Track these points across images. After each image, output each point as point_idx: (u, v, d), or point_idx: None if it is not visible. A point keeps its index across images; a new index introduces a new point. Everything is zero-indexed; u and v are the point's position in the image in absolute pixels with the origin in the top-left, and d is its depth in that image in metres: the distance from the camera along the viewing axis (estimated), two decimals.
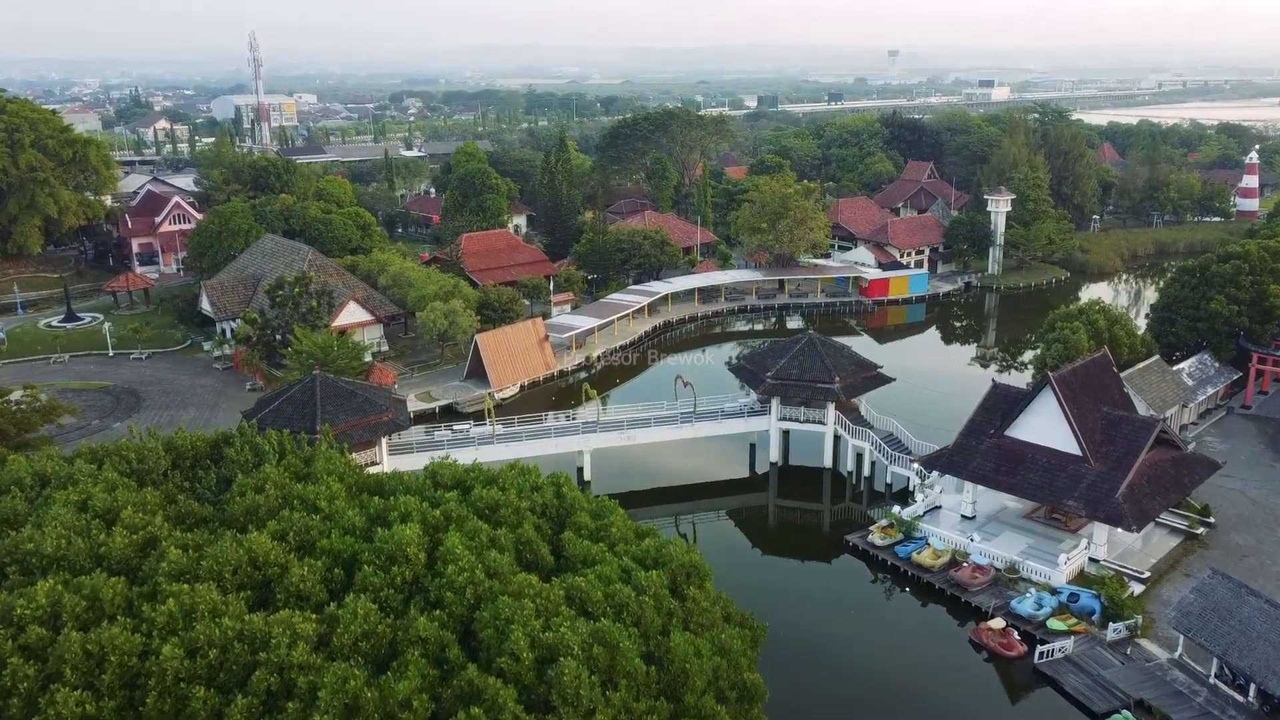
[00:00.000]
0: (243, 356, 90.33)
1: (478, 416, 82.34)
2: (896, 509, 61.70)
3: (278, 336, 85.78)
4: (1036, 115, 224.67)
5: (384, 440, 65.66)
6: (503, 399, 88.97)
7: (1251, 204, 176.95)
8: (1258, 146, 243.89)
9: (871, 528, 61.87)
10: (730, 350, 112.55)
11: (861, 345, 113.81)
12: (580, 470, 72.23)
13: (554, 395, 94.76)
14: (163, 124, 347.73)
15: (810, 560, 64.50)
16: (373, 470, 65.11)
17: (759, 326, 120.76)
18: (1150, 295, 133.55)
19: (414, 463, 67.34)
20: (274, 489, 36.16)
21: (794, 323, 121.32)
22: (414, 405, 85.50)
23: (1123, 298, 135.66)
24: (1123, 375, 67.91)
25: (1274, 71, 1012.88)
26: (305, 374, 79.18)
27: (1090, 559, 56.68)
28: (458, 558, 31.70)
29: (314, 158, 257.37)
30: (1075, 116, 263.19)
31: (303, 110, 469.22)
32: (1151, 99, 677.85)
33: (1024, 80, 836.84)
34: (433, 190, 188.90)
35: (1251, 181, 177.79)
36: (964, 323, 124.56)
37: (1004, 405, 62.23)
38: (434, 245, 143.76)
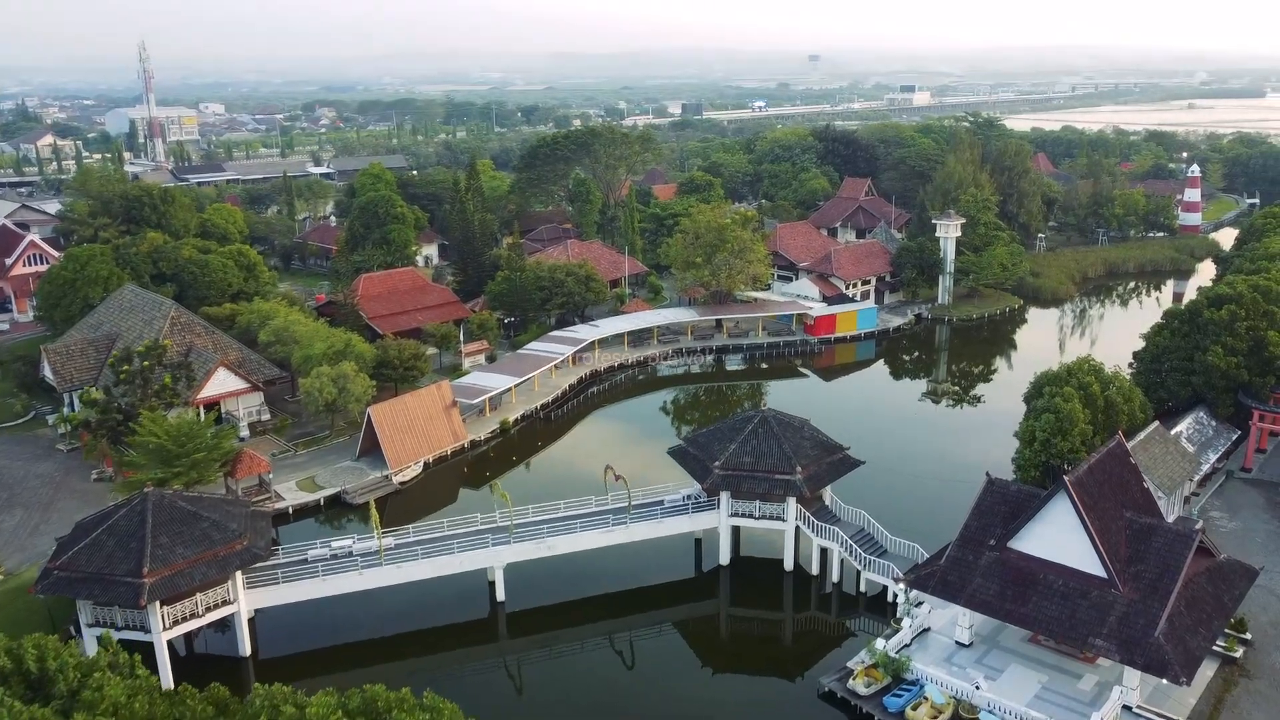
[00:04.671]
0: (87, 443, 75.24)
1: (378, 504, 69.09)
2: (880, 644, 50.22)
3: (124, 420, 70.89)
4: (968, 124, 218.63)
5: (239, 574, 51.94)
6: (401, 482, 75.58)
7: (1194, 218, 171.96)
8: (1184, 154, 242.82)
9: (853, 666, 50.28)
10: (665, 397, 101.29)
11: (810, 391, 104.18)
12: (492, 586, 59.46)
13: (466, 468, 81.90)
14: (48, 140, 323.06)
15: (775, 688, 53.12)
16: (223, 612, 51.93)
17: (695, 369, 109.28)
18: (1111, 325, 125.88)
19: (280, 597, 54.03)
20: None
21: (734, 364, 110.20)
22: (294, 497, 71.90)
23: (1077, 325, 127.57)
24: None
25: (1176, 74, 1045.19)
26: (154, 466, 65.43)
27: (1124, 706, 45.96)
28: None
29: (211, 177, 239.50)
30: (999, 122, 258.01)
31: (207, 123, 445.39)
32: (1066, 103, 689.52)
33: (942, 85, 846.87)
34: (334, 218, 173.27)
35: (1194, 195, 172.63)
36: (918, 360, 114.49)
37: (1004, 508, 51.37)
38: (333, 281, 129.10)
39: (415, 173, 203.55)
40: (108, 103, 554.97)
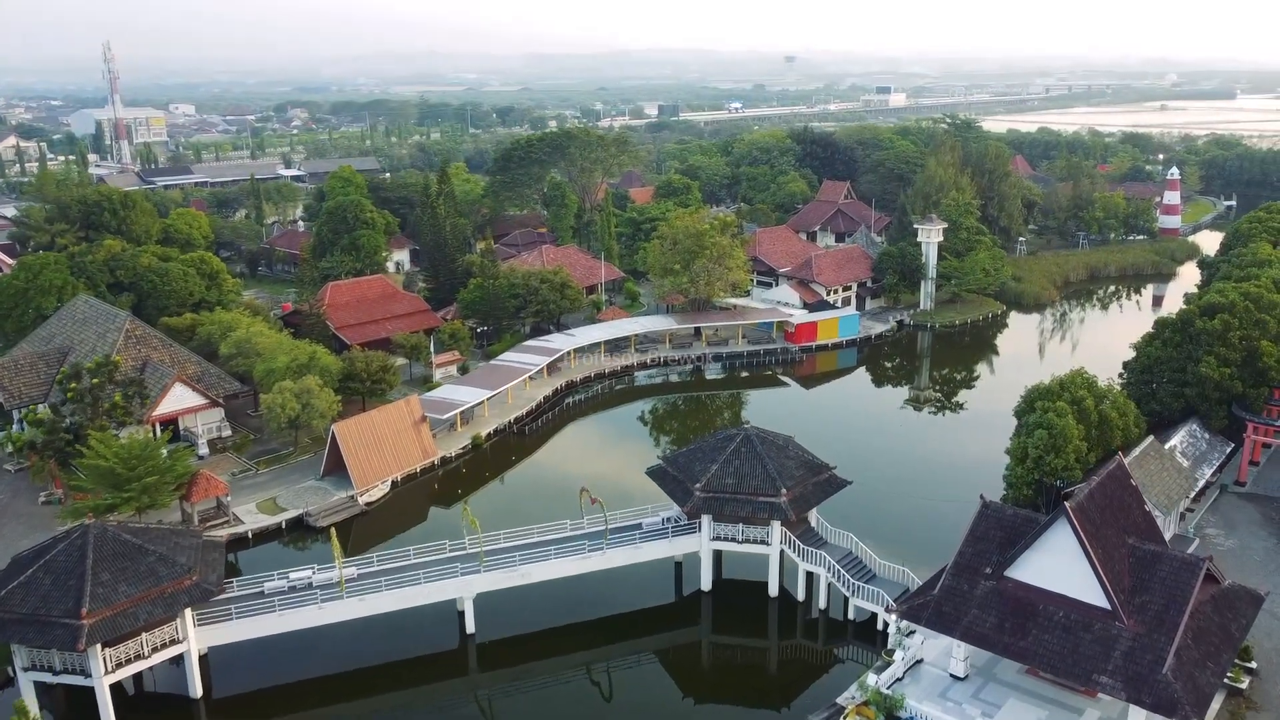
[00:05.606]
0: (33, 464, 71.36)
1: (342, 527, 66.02)
2: (872, 678, 47.54)
3: (73, 441, 67.13)
4: (945, 126, 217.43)
5: (189, 611, 48.55)
6: (367, 503, 72.25)
7: (1174, 221, 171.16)
8: (1161, 156, 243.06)
9: (843, 703, 47.56)
10: (644, 407, 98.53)
11: (791, 402, 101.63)
12: (461, 616, 56.30)
13: (436, 484, 78.74)
14: (11, 141, 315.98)
15: None
16: (171, 652, 48.55)
17: (674, 378, 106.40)
18: (1095, 330, 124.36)
19: (233, 634, 50.67)
20: None
21: (713, 373, 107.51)
22: (254, 520, 68.45)
23: (1060, 330, 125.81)
24: None
25: (1148, 76, 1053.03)
26: (103, 490, 61.86)
27: None
28: None
29: (178, 179, 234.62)
30: (976, 124, 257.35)
31: (176, 124, 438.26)
32: (1041, 104, 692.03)
33: (918, 86, 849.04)
34: (302, 222, 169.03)
35: (1173, 198, 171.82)
36: (901, 368, 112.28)
37: (1000, 533, 48.77)
38: (299, 289, 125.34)
39: (387, 175, 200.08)
40: (76, 103, 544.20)
